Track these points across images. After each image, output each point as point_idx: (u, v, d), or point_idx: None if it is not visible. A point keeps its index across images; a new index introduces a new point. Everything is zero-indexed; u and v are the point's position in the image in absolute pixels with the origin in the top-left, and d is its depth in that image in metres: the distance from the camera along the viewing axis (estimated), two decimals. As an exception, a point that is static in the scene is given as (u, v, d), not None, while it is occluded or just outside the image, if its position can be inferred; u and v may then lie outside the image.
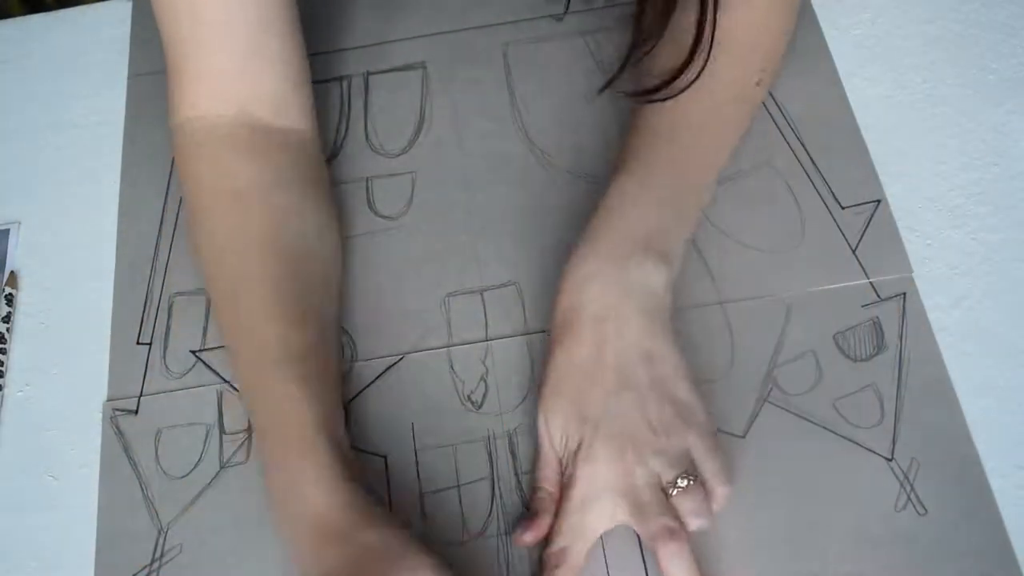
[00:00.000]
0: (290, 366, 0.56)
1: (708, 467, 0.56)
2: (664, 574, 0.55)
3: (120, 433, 0.63)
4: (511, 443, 0.61)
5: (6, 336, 0.67)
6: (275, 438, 0.55)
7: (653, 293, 0.58)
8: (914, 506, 0.57)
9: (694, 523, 0.55)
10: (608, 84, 0.65)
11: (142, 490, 0.61)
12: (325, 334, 0.60)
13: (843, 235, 0.66)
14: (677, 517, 0.55)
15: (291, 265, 0.60)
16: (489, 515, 0.59)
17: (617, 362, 0.57)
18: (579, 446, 0.57)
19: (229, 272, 0.60)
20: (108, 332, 0.67)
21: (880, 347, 0.61)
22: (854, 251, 0.65)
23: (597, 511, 0.56)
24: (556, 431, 0.57)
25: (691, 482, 0.55)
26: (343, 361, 0.64)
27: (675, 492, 0.55)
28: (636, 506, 0.55)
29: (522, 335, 0.64)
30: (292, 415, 0.55)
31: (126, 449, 0.62)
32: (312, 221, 0.63)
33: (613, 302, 0.58)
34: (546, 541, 0.57)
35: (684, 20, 0.61)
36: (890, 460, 0.58)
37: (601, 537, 0.57)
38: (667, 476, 0.55)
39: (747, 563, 0.56)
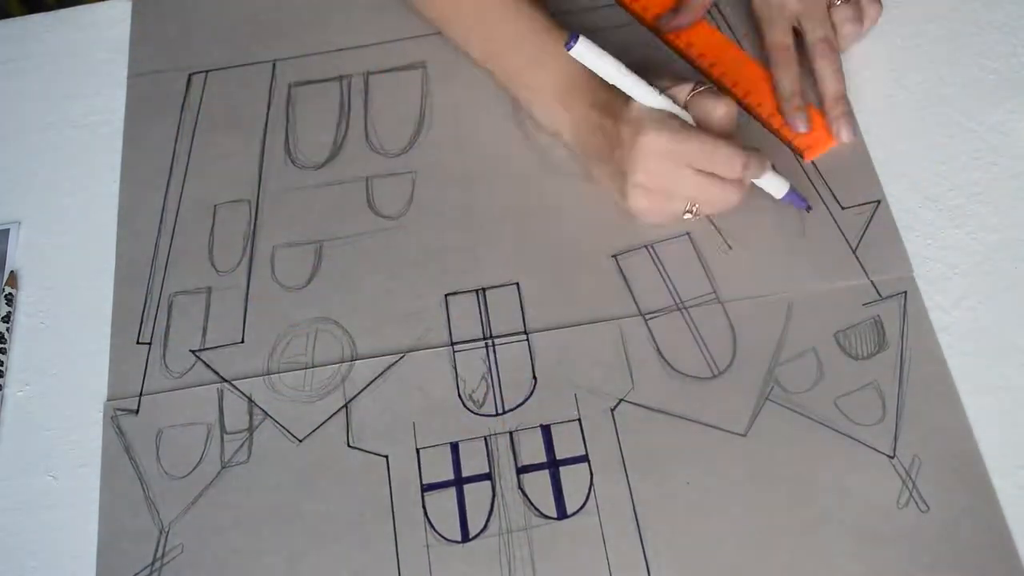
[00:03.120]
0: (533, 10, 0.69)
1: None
2: (817, 77, 0.70)
3: (121, 433, 0.63)
4: (512, 442, 0.61)
5: (6, 336, 0.67)
6: (534, 45, 0.68)
7: None
8: (916, 503, 0.57)
9: (848, 28, 0.71)
10: None
11: (143, 490, 0.61)
12: None
13: (843, 235, 0.66)
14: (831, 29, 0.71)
15: None
16: (490, 514, 0.59)
17: None
18: None
19: None
20: (108, 332, 0.67)
21: (881, 345, 0.62)
22: (854, 251, 0.65)
23: (780, 13, 0.71)
24: None
25: None
26: None
27: (839, 2, 0.70)
28: (810, 9, 0.70)
29: (522, 334, 0.64)
30: (548, 33, 0.68)
31: (127, 449, 0.62)
32: None
33: None
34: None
35: None
36: (892, 458, 0.58)
37: (603, 539, 0.57)
38: None
39: (748, 561, 0.56)
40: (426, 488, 0.60)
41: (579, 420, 0.61)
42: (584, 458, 0.60)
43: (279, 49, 0.78)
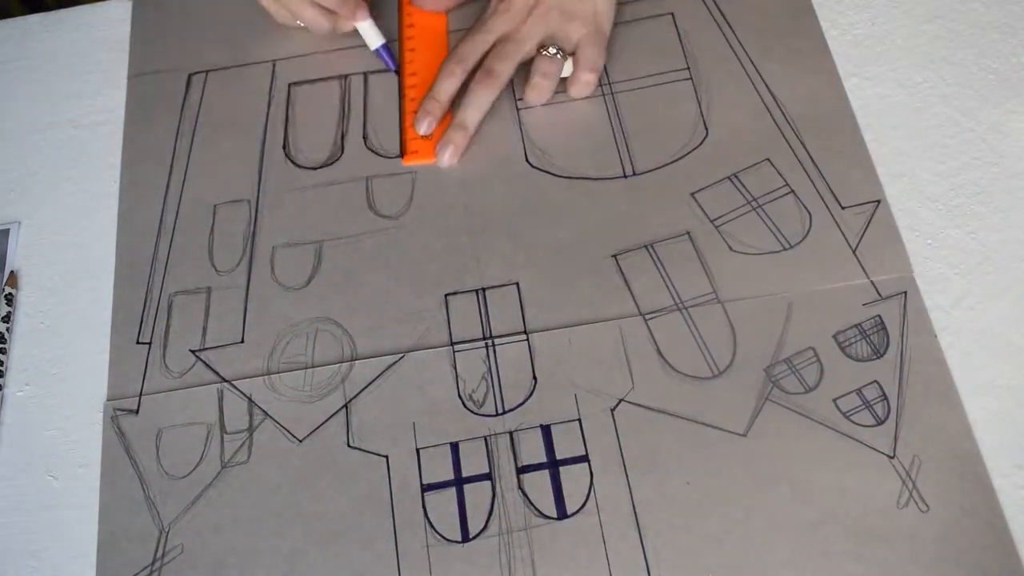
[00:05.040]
0: None
1: (587, 54, 0.71)
2: (464, 98, 0.71)
3: (121, 433, 0.63)
4: (512, 442, 0.61)
5: (6, 336, 0.67)
6: None
7: None
8: (916, 503, 0.57)
9: (538, 81, 0.71)
10: None
11: (143, 490, 0.61)
12: None
13: (843, 235, 0.66)
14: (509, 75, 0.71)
15: None
16: (490, 514, 0.59)
17: None
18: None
19: None
20: (108, 332, 0.67)
21: (881, 345, 0.62)
22: (854, 251, 0.65)
23: (482, 34, 0.72)
24: None
25: (560, 56, 0.71)
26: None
27: (543, 53, 0.71)
28: (503, 44, 0.71)
29: (522, 334, 0.64)
30: None
31: (127, 449, 0.62)
32: None
33: None
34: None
35: None
36: (892, 458, 0.58)
37: (604, 539, 0.57)
38: (549, 44, 0.71)
39: (748, 561, 0.56)
40: (426, 488, 0.60)
41: (579, 420, 0.61)
42: (584, 458, 0.60)
43: (279, 49, 0.78)
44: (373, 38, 0.75)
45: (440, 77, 0.72)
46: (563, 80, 0.73)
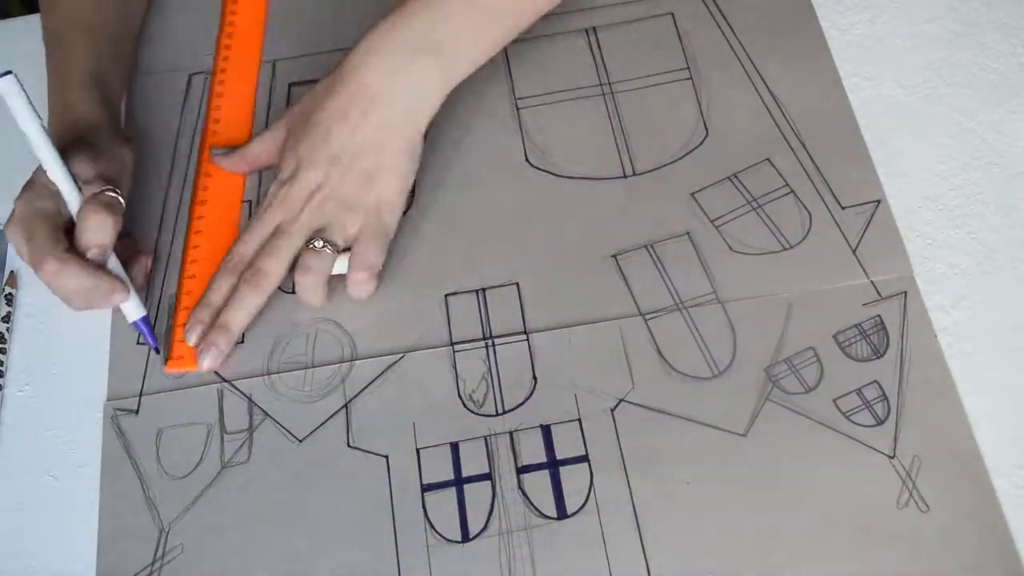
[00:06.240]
0: (86, 31, 0.71)
1: (360, 252, 0.64)
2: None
3: (121, 433, 0.63)
4: (512, 442, 0.61)
5: (6, 336, 0.67)
6: (56, 73, 0.70)
7: (425, 98, 0.65)
8: (916, 503, 0.57)
9: (300, 278, 0.64)
10: None
11: (143, 490, 0.61)
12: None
13: (843, 235, 0.66)
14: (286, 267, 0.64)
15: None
16: (490, 514, 0.59)
17: (353, 141, 0.64)
18: (286, 172, 0.66)
19: None
20: (108, 332, 0.67)
21: (881, 345, 0.62)
22: (854, 251, 0.65)
23: (259, 226, 0.65)
24: (282, 145, 0.68)
25: (328, 251, 0.63)
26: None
27: (310, 246, 0.63)
28: (275, 239, 0.64)
29: (522, 334, 0.64)
30: (73, 57, 0.70)
31: (127, 449, 0.62)
32: None
33: (384, 89, 0.64)
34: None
35: None
36: (892, 458, 0.58)
37: (603, 539, 0.57)
38: (314, 238, 0.64)
39: (748, 561, 0.56)
40: (426, 488, 0.60)
41: (579, 420, 0.61)
42: (584, 458, 0.60)
43: (279, 49, 0.78)
44: (129, 311, 0.65)
45: (214, 279, 0.65)
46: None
